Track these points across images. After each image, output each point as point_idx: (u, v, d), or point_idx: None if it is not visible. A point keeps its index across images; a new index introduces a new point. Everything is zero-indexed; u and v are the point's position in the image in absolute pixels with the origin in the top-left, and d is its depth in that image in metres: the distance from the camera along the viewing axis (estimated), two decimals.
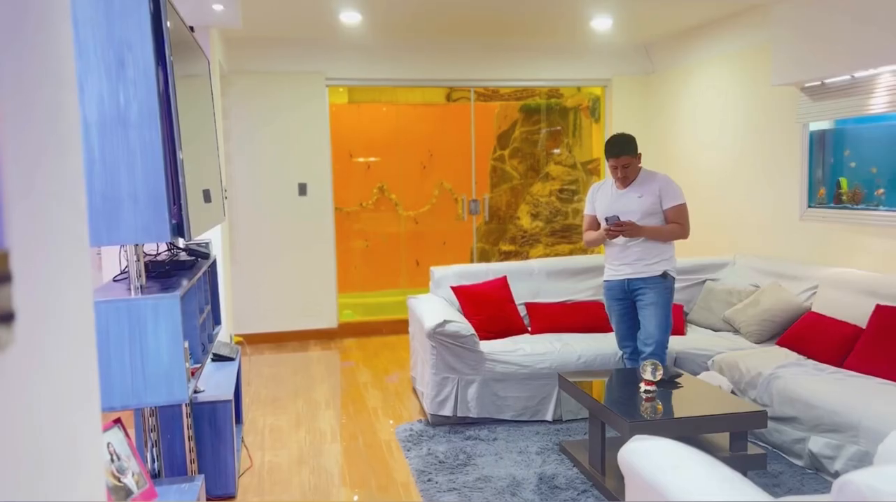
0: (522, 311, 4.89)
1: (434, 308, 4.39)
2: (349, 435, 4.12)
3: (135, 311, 2.16)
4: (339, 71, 6.48)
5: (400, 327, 6.68)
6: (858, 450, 3.15)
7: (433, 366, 4.14)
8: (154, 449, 2.52)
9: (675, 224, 3.88)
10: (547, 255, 7.81)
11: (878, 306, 3.80)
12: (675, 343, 4.46)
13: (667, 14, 5.54)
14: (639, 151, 3.94)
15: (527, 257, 7.81)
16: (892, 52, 3.99)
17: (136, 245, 2.33)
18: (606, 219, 3.86)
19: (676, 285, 5.09)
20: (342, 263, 7.04)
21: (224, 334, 4.70)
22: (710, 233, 6.07)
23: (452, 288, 4.78)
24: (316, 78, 6.42)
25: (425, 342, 4.22)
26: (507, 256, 7.89)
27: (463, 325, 4.13)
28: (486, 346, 4.27)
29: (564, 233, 8.00)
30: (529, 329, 4.76)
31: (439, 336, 4.08)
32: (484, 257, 7.70)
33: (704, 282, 5.13)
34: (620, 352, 4.18)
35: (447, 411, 4.12)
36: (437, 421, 4.17)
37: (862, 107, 4.40)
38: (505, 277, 4.89)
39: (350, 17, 5.37)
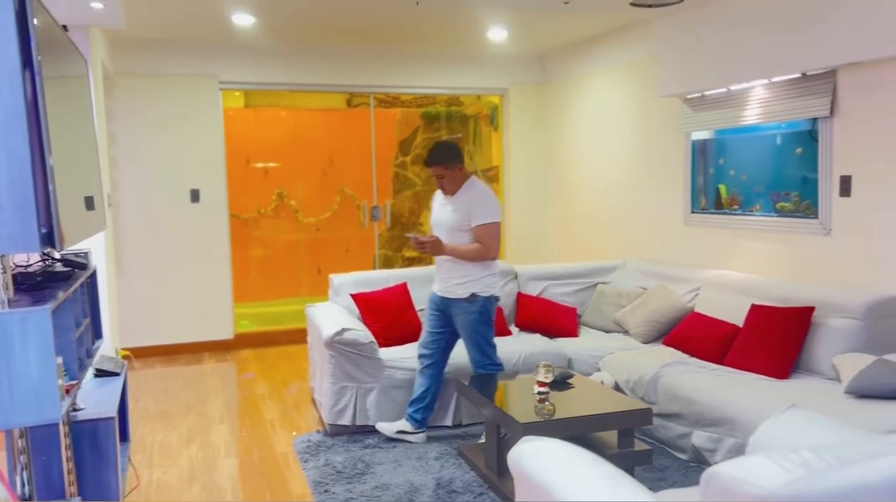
0: (423, 317, 4.90)
1: (332, 316, 4.34)
2: (244, 448, 4.01)
3: None
4: (233, 74, 6.32)
5: (300, 336, 6.56)
6: (736, 443, 3.34)
7: (331, 375, 4.08)
8: (24, 473, 2.36)
9: (477, 244, 3.70)
10: None
11: (753, 306, 4.05)
12: (569, 345, 4.60)
13: (558, 27, 5.72)
14: (458, 164, 3.73)
15: (430, 263, 7.85)
16: (762, 67, 4.28)
17: (3, 256, 2.18)
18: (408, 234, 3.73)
19: (571, 288, 5.26)
20: (239, 272, 6.85)
21: (108, 348, 4.48)
22: (601, 238, 6.29)
23: (352, 295, 4.74)
24: (209, 80, 6.23)
25: (323, 351, 4.16)
26: (410, 263, 7.90)
27: (362, 333, 4.10)
28: (386, 353, 4.26)
29: None
30: None
31: (337, 344, 4.03)
32: (387, 264, 7.68)
33: (596, 285, 5.31)
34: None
35: (346, 420, 4.08)
36: (336, 431, 4.11)
37: (737, 118, 4.68)
38: (405, 284, 4.89)
39: (243, 19, 5.24)
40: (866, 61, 3.75)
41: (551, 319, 4.92)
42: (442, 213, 3.83)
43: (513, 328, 4.96)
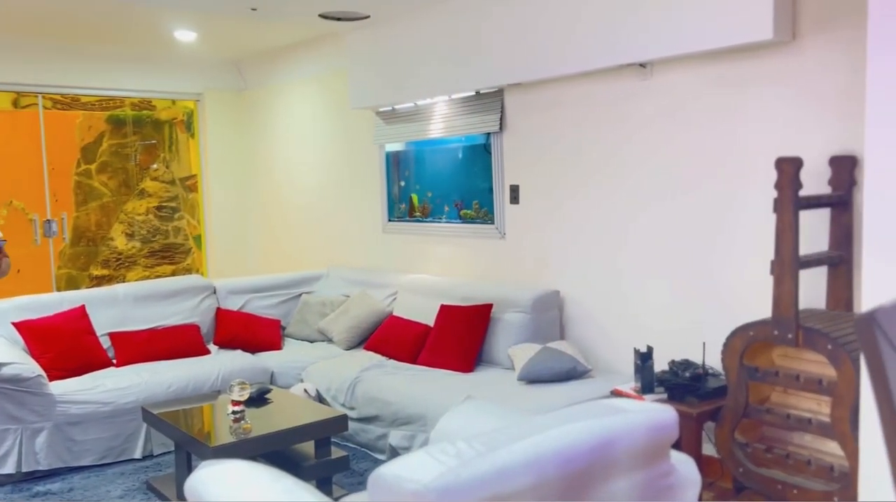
0: (106, 343, 4.44)
1: None
2: None
3: None
4: None
5: None
6: (427, 438, 3.52)
7: None
8: None
9: None
10: (147, 278, 7.27)
11: (442, 306, 4.32)
12: (271, 359, 4.50)
13: (251, 33, 5.59)
14: None
15: (120, 281, 7.17)
16: (443, 84, 4.59)
17: None
18: None
19: (274, 300, 5.17)
20: None
21: None
22: (306, 247, 6.29)
23: (14, 324, 4.12)
24: None
25: None
26: (100, 282, 7.14)
27: (25, 366, 3.59)
28: (59, 387, 3.77)
29: (166, 254, 7.55)
30: (115, 361, 4.34)
31: None
32: (72, 284, 6.85)
33: (300, 295, 5.28)
34: None
35: (8, 469, 3.53)
36: None
37: (424, 131, 4.98)
38: (83, 306, 4.39)
39: None
40: (525, 82, 4.21)
41: (253, 334, 4.77)
42: None
43: (211, 346, 4.72)
